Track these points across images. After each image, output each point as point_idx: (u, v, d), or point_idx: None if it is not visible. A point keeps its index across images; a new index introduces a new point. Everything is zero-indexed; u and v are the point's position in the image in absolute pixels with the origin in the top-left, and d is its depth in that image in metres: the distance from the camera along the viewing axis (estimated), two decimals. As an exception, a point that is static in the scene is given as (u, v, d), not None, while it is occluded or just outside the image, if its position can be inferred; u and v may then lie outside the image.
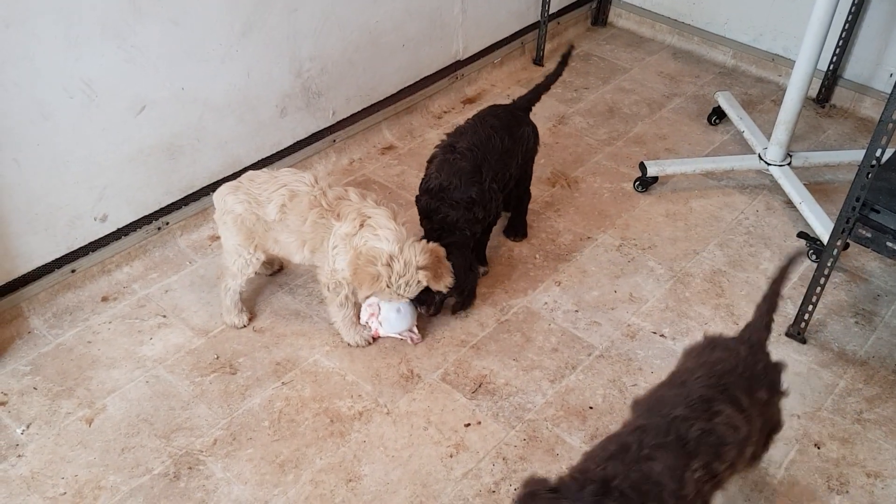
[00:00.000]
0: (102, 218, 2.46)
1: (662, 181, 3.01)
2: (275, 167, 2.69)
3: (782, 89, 3.24)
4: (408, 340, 2.34)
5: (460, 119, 2.73)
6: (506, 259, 2.67)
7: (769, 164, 2.91)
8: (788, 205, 2.87)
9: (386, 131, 3.20)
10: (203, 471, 2.01)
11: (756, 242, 2.76)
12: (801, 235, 2.70)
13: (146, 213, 2.56)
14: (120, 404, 2.16)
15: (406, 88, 3.23)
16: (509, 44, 3.61)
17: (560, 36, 3.86)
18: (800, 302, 2.36)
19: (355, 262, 2.12)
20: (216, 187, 2.30)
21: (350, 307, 2.29)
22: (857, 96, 3.40)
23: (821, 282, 2.29)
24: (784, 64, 3.55)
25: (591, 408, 2.20)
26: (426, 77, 3.30)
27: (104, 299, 2.46)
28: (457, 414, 2.17)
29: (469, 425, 2.14)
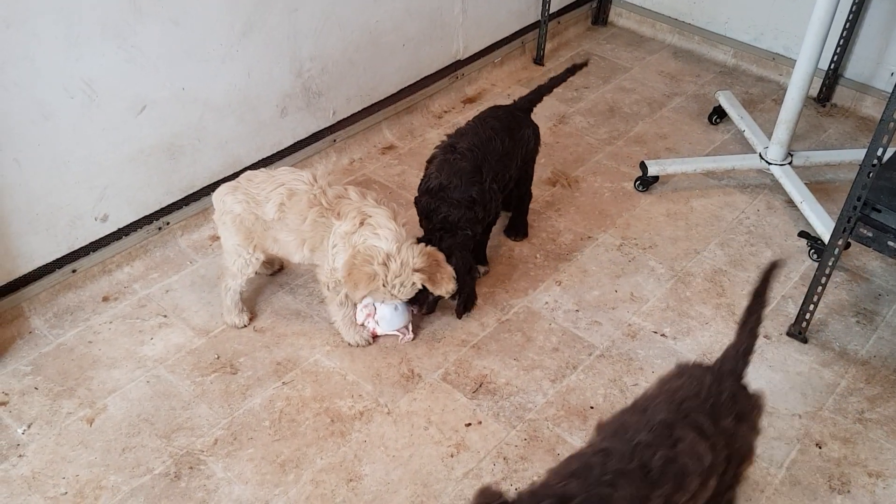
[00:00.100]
0: (103, 218, 2.46)
1: (663, 180, 3.00)
2: (275, 167, 2.69)
3: (783, 88, 3.24)
4: (399, 336, 2.34)
5: (460, 119, 2.73)
6: (506, 259, 2.67)
7: (770, 164, 2.91)
8: (789, 204, 2.87)
9: (386, 131, 3.20)
10: (204, 471, 2.01)
11: (757, 242, 2.76)
12: (802, 235, 2.70)
13: (147, 213, 2.56)
14: (121, 404, 2.16)
15: (406, 88, 3.23)
16: (509, 43, 3.61)
17: (560, 35, 3.85)
18: (801, 301, 2.36)
19: (351, 262, 2.12)
20: (217, 187, 2.29)
21: (350, 306, 2.29)
22: (858, 95, 3.39)
23: (822, 281, 2.28)
24: (785, 63, 3.55)
25: (592, 407, 2.19)
26: (426, 77, 3.29)
27: (105, 299, 2.46)
28: (457, 414, 2.16)
29: (470, 425, 2.14)
